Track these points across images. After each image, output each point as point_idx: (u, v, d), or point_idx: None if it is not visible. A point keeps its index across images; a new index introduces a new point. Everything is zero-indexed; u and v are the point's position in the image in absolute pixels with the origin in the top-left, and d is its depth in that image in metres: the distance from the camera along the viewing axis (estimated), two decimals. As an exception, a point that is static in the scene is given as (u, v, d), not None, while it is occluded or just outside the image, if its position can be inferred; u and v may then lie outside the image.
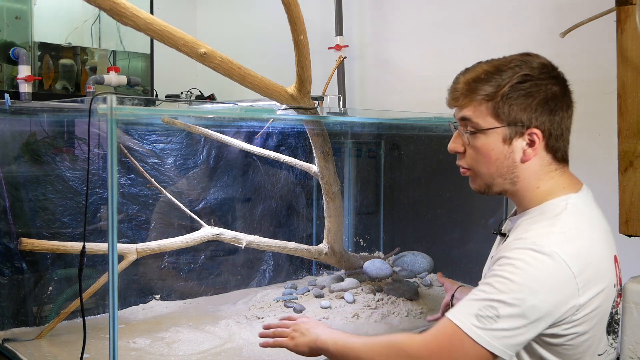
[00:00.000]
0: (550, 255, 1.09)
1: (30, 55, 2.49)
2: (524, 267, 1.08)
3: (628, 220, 1.67)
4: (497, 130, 1.19)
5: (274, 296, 2.41)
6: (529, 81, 1.17)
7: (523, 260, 1.09)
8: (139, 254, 2.01)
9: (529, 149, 1.19)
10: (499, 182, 1.23)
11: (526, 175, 1.22)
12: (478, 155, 1.23)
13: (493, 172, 1.23)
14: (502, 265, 1.11)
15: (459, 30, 2.68)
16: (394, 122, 2.65)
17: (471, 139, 1.22)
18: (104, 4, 1.54)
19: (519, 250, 1.11)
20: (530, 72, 1.18)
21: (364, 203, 3.02)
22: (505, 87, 1.17)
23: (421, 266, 2.72)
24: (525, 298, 1.07)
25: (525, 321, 1.08)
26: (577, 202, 1.20)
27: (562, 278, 1.09)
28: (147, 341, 1.94)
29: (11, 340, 1.93)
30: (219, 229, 2.22)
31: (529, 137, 1.19)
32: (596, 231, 1.19)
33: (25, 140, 2.17)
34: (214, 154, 2.54)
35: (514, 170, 1.21)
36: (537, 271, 1.08)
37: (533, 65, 1.19)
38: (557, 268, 1.09)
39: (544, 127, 1.19)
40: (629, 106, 1.66)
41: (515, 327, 1.07)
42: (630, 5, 1.64)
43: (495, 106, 1.18)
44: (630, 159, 1.66)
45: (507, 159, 1.21)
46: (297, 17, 1.78)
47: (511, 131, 1.19)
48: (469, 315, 1.08)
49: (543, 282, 1.08)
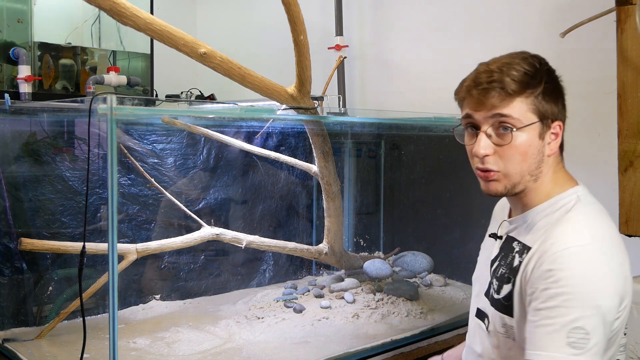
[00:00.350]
0: (599, 251, 1.09)
1: (30, 55, 2.49)
2: (580, 272, 1.07)
3: (628, 220, 1.67)
4: (534, 125, 1.18)
5: (274, 296, 2.41)
6: (554, 74, 1.22)
7: (574, 266, 1.08)
8: (139, 254, 2.01)
9: (554, 142, 1.20)
10: (526, 180, 1.20)
11: (546, 170, 1.21)
12: (514, 153, 1.18)
13: (525, 169, 1.19)
14: (555, 280, 1.08)
15: (459, 30, 2.68)
16: (394, 122, 2.65)
17: (507, 138, 1.17)
18: (104, 4, 1.54)
19: (563, 258, 1.09)
20: (551, 68, 1.22)
21: (364, 203, 3.02)
22: (544, 83, 1.18)
23: (421, 266, 2.72)
24: (599, 302, 1.06)
25: (609, 325, 1.07)
26: (585, 193, 1.22)
27: (614, 268, 1.09)
28: (147, 341, 1.94)
29: (11, 340, 1.93)
30: (219, 229, 2.22)
31: (554, 130, 1.20)
32: (608, 220, 1.20)
33: (25, 140, 2.17)
34: (214, 154, 2.54)
35: (540, 166, 1.20)
36: (593, 270, 1.08)
37: (544, 60, 1.22)
38: (608, 263, 1.09)
39: (563, 118, 1.21)
40: (629, 106, 1.66)
41: (604, 335, 1.06)
42: (630, 5, 1.64)
43: (535, 102, 1.17)
44: (630, 159, 1.66)
45: (539, 154, 1.19)
46: (297, 17, 1.78)
47: (542, 126, 1.19)
48: (560, 349, 1.05)
49: (602, 278, 1.07)
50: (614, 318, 1.09)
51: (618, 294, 1.09)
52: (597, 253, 1.09)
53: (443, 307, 2.36)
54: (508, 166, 1.19)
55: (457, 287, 2.61)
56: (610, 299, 1.07)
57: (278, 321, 2.14)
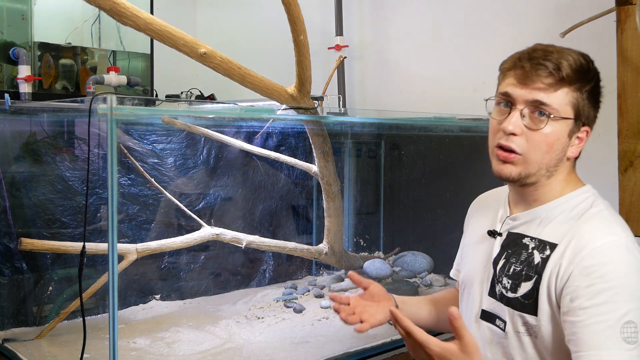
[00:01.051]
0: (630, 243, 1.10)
1: (30, 55, 2.49)
2: (624, 266, 1.07)
3: (628, 220, 1.66)
4: (568, 121, 1.16)
5: (274, 296, 2.41)
6: (600, 84, 1.20)
7: (617, 259, 1.07)
8: (139, 254, 2.01)
9: (576, 146, 1.20)
10: (541, 173, 1.19)
11: (562, 170, 1.21)
12: (540, 141, 1.16)
13: (545, 161, 1.17)
14: (600, 275, 1.07)
15: (459, 30, 2.68)
16: (394, 122, 2.64)
17: (540, 124, 1.15)
18: (104, 4, 1.54)
19: (604, 252, 1.08)
20: (599, 75, 1.20)
21: (364, 203, 3.02)
22: (593, 83, 1.18)
23: (421, 266, 2.72)
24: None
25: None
26: (595, 192, 1.23)
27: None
28: (147, 341, 1.94)
29: (11, 340, 1.93)
30: (219, 229, 2.22)
31: (580, 134, 1.20)
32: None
33: (25, 140, 2.17)
34: (214, 154, 2.54)
35: (558, 164, 1.19)
36: (634, 262, 1.08)
37: (588, 57, 1.21)
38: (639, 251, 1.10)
39: (592, 126, 1.21)
40: (629, 106, 1.66)
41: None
42: (630, 5, 1.64)
43: (579, 98, 1.16)
44: (630, 159, 1.66)
45: (562, 152, 1.18)
46: (297, 17, 1.78)
47: (575, 125, 1.17)
48: (617, 345, 1.03)
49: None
50: None
51: None
52: (632, 246, 1.10)
53: (443, 307, 2.36)
54: (531, 153, 1.17)
55: (457, 287, 2.61)
56: None
57: (278, 321, 2.14)
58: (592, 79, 1.17)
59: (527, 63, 1.16)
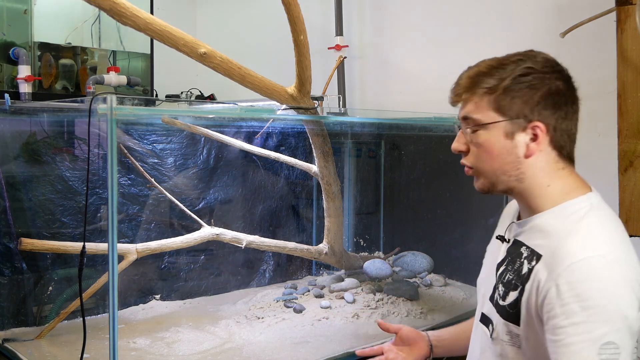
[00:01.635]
0: (616, 261, 1.05)
1: (30, 55, 2.49)
2: (602, 284, 1.03)
3: (628, 220, 1.67)
4: (498, 124, 1.16)
5: (274, 296, 2.41)
6: (532, 74, 1.15)
7: (594, 277, 1.03)
8: (139, 254, 2.01)
9: (533, 144, 1.16)
10: (504, 180, 1.19)
11: (533, 172, 1.18)
12: (480, 152, 1.19)
13: (496, 168, 1.19)
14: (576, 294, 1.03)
15: (459, 30, 2.68)
16: (394, 122, 2.65)
17: (473, 136, 1.19)
18: (104, 4, 1.54)
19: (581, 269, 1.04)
20: (533, 65, 1.16)
21: (364, 203, 3.02)
22: (507, 80, 1.15)
23: (421, 266, 2.72)
24: (626, 313, 1.02)
25: (635, 335, 1.03)
26: (598, 200, 1.18)
27: (633, 276, 1.05)
28: (147, 341, 1.94)
29: (11, 340, 1.92)
30: (219, 229, 2.22)
31: (532, 131, 1.15)
32: (622, 228, 1.17)
33: (25, 140, 2.16)
34: (214, 154, 2.54)
35: (518, 167, 1.17)
36: (615, 280, 1.03)
37: (537, 59, 1.17)
38: (628, 272, 1.05)
39: (547, 121, 1.15)
40: (629, 106, 1.66)
41: (632, 346, 1.02)
42: (630, 5, 1.64)
43: (497, 100, 1.15)
44: (630, 159, 1.66)
45: (510, 155, 1.17)
46: (297, 17, 1.78)
47: (513, 125, 1.15)
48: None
49: (625, 287, 1.03)
50: (638, 327, 1.04)
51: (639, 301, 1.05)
52: (616, 262, 1.05)
53: (443, 307, 2.36)
54: (479, 164, 1.21)
55: (457, 287, 2.61)
56: (635, 308, 1.03)
57: (278, 321, 2.14)
58: (504, 78, 1.15)
59: (451, 89, 1.24)
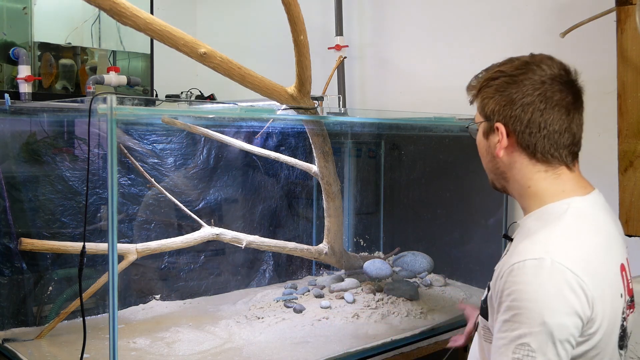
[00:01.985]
0: (553, 266, 1.04)
1: (30, 55, 2.49)
2: (530, 287, 1.04)
3: (628, 220, 1.67)
4: (481, 125, 1.26)
5: (274, 296, 2.41)
6: (501, 77, 1.20)
7: (525, 280, 1.05)
8: (139, 254, 2.01)
9: (498, 144, 1.21)
10: (494, 178, 1.28)
11: (512, 173, 1.23)
12: (479, 151, 1.30)
13: (486, 166, 1.29)
14: (508, 294, 1.06)
15: (459, 30, 2.68)
16: (394, 122, 2.65)
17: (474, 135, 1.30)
18: (104, 4, 1.54)
19: (517, 271, 1.06)
20: (505, 69, 1.20)
21: (364, 203, 3.02)
22: (481, 83, 1.24)
23: (421, 266, 2.72)
24: (546, 319, 1.02)
25: (563, 344, 1.03)
26: (581, 206, 1.16)
27: (573, 288, 1.03)
28: (147, 341, 1.94)
29: (11, 340, 1.92)
30: (219, 229, 2.22)
31: (498, 132, 1.21)
32: (601, 236, 1.15)
33: (25, 140, 2.17)
34: (214, 154, 2.54)
35: (497, 166, 1.25)
36: (543, 286, 1.03)
37: (513, 62, 1.21)
38: (564, 279, 1.04)
39: (512, 122, 1.18)
40: (629, 106, 1.66)
41: (557, 355, 1.02)
42: (630, 5, 1.64)
43: (482, 102, 1.24)
44: (630, 159, 1.66)
45: (488, 154, 1.26)
46: (297, 17, 1.78)
47: (487, 126, 1.24)
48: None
49: (554, 295, 1.03)
50: (569, 338, 1.03)
51: (575, 314, 1.03)
52: (553, 269, 1.04)
53: (443, 307, 2.36)
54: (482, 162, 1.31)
55: (457, 287, 2.61)
56: (562, 317, 1.02)
57: (278, 321, 2.14)
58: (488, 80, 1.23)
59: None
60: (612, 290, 1.11)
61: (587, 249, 1.10)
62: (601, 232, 1.17)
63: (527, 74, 1.18)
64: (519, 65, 1.20)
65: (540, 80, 1.17)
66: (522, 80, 1.18)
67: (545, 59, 1.21)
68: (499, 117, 1.20)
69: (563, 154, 1.19)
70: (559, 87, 1.18)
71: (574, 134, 1.20)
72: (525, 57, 1.22)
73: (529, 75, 1.18)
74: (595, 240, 1.13)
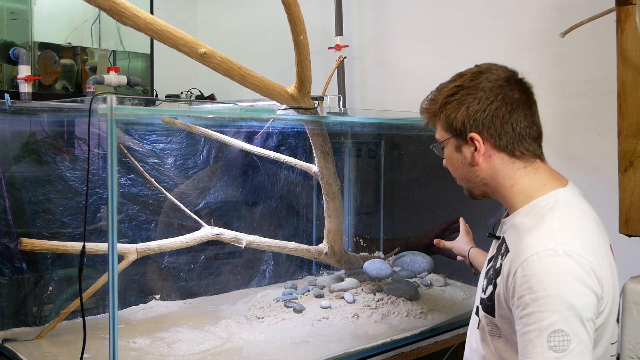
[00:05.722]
0: (566, 253, 1.11)
1: (30, 55, 2.49)
2: (549, 277, 1.09)
3: (628, 220, 1.67)
4: (449, 141, 1.30)
5: (274, 296, 2.41)
6: (460, 91, 1.27)
7: (543, 270, 1.10)
8: (139, 254, 2.01)
9: (476, 153, 1.27)
10: (473, 186, 1.33)
11: (493, 176, 1.28)
12: (449, 166, 1.36)
13: (461, 177, 1.34)
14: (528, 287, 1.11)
15: (459, 30, 2.68)
16: (394, 122, 2.65)
17: (441, 153, 1.36)
18: (104, 4, 1.54)
19: (533, 263, 1.12)
20: (461, 83, 1.28)
21: (364, 203, 3.02)
22: (441, 101, 1.29)
23: (421, 266, 2.72)
24: (573, 302, 1.07)
25: (589, 323, 1.09)
26: (567, 197, 1.24)
27: (587, 270, 1.10)
28: (147, 341, 1.94)
29: (11, 340, 1.92)
30: (219, 229, 2.22)
31: (473, 143, 1.27)
32: (591, 222, 1.23)
33: (25, 140, 2.17)
34: (214, 154, 2.54)
35: (477, 174, 1.29)
36: (561, 272, 1.09)
37: (465, 75, 1.29)
38: (578, 263, 1.10)
39: (484, 130, 1.25)
40: (629, 106, 1.66)
41: (587, 333, 1.09)
42: (630, 5, 1.64)
43: (445, 119, 1.29)
44: (630, 159, 1.66)
45: (465, 165, 1.31)
46: (297, 17, 1.78)
47: (458, 140, 1.29)
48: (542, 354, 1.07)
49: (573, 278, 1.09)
50: (592, 317, 1.10)
51: (593, 294, 1.11)
52: (566, 256, 1.11)
53: (443, 307, 2.36)
54: (454, 176, 1.37)
55: (457, 287, 2.61)
56: (584, 297, 1.09)
57: (278, 321, 2.14)
58: (447, 96, 1.29)
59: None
60: (611, 269, 1.20)
61: (586, 235, 1.17)
62: (590, 218, 1.24)
63: (483, 82, 1.26)
64: (472, 77, 1.27)
65: (498, 85, 1.25)
66: (482, 89, 1.25)
67: (491, 66, 1.30)
68: (472, 128, 1.26)
69: (535, 147, 1.28)
70: (515, 86, 1.27)
71: (538, 126, 1.29)
72: (472, 69, 1.30)
73: (485, 82, 1.26)
74: (589, 226, 1.21)
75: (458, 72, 1.31)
